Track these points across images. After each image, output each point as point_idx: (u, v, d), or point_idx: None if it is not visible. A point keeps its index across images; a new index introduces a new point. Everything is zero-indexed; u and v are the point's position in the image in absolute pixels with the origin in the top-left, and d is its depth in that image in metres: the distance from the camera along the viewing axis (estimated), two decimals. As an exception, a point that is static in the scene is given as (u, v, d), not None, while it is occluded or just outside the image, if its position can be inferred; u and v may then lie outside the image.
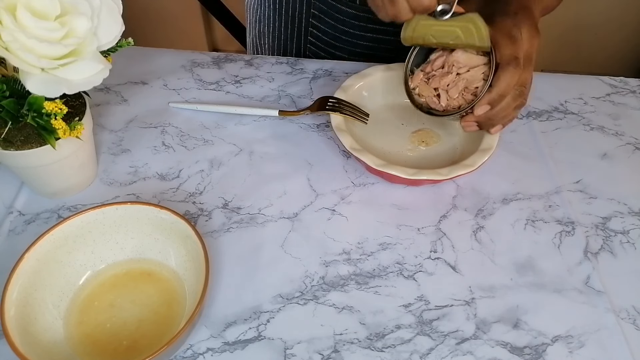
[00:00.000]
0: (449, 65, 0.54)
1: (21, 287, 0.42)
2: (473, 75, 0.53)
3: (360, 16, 0.60)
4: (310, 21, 0.76)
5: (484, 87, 0.52)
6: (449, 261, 0.52)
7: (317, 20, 0.75)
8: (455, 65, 0.54)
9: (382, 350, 0.45)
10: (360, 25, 0.73)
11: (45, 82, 0.42)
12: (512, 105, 0.52)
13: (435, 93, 0.56)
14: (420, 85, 0.56)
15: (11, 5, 0.40)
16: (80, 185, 0.56)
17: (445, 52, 0.55)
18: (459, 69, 0.54)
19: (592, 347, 0.46)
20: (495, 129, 0.54)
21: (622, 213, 0.57)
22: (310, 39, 0.78)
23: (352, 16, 0.72)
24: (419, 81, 0.56)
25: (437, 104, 0.56)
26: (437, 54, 0.56)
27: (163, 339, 0.43)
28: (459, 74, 0.54)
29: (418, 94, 0.57)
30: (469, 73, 0.53)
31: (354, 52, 0.76)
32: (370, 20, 0.72)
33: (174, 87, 0.68)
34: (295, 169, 0.59)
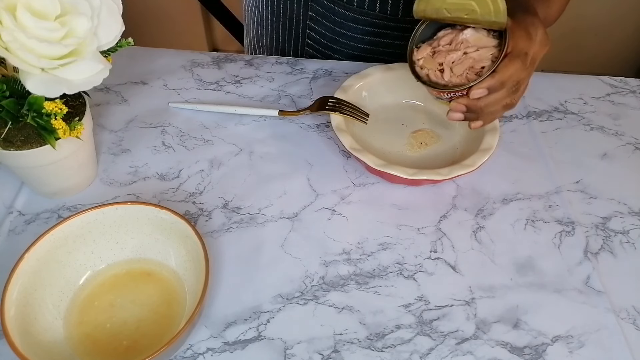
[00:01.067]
0: (457, 43, 0.53)
1: (21, 287, 0.42)
2: (481, 54, 0.52)
3: (359, 19, 0.60)
4: (308, 23, 0.76)
5: (490, 68, 0.50)
6: (449, 261, 0.52)
7: (314, 22, 0.75)
8: (464, 44, 0.53)
9: (382, 350, 0.45)
10: (358, 28, 0.73)
11: (45, 82, 0.42)
12: (504, 100, 0.51)
13: (439, 67, 0.54)
14: (425, 58, 0.55)
15: (11, 5, 0.40)
16: (80, 185, 0.56)
17: (454, 31, 0.54)
18: (467, 47, 0.52)
19: (592, 347, 0.46)
20: (476, 124, 0.53)
21: (622, 213, 0.57)
22: (307, 41, 0.78)
23: (350, 19, 0.72)
24: (424, 54, 0.55)
25: (440, 78, 0.54)
26: (446, 32, 0.54)
27: (163, 339, 0.43)
28: (466, 52, 0.53)
29: (421, 67, 0.55)
30: (477, 52, 0.52)
31: (352, 55, 0.76)
32: (368, 23, 0.72)
33: (174, 87, 0.68)
34: (295, 169, 0.59)
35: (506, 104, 0.52)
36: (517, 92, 0.51)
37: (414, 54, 0.55)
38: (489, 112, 0.52)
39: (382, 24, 0.71)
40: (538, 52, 0.50)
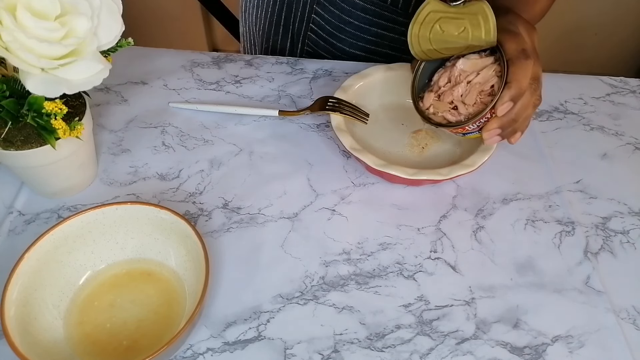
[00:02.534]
0: (455, 77, 0.53)
1: (21, 287, 0.42)
2: (484, 76, 0.51)
3: (368, 8, 0.58)
4: (315, 8, 0.73)
5: (500, 82, 0.50)
6: (449, 261, 0.52)
7: (321, 7, 0.73)
8: (462, 75, 0.52)
9: (382, 350, 0.45)
10: (366, 18, 0.71)
11: (45, 82, 0.42)
12: (530, 101, 0.50)
13: (452, 106, 0.53)
14: (433, 104, 0.54)
15: (11, 5, 0.40)
16: (80, 185, 0.56)
17: (446, 68, 0.54)
18: (467, 77, 0.52)
19: (592, 347, 0.46)
20: (515, 137, 0.53)
21: (622, 213, 0.57)
22: (312, 26, 0.75)
23: (359, 7, 0.70)
24: (431, 101, 0.54)
25: (457, 115, 0.53)
26: (439, 73, 0.54)
27: (163, 339, 0.43)
28: (469, 81, 0.52)
29: (433, 113, 0.55)
30: (480, 76, 0.52)
31: (355, 45, 0.74)
32: (377, 14, 0.70)
33: (174, 87, 0.68)
34: (295, 169, 0.59)
35: (533, 104, 0.51)
36: (538, 89, 0.51)
37: (420, 105, 0.56)
38: (523, 118, 0.51)
39: (391, 18, 0.70)
40: (530, 41, 0.50)
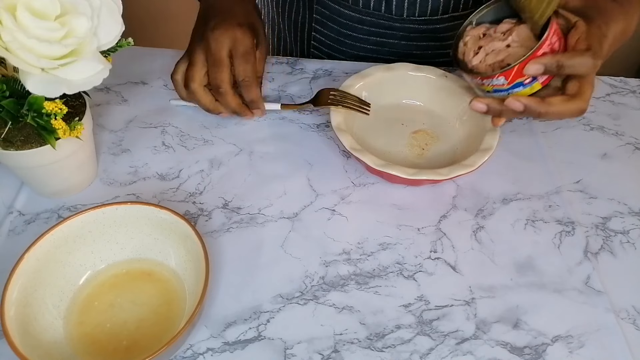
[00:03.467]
0: (509, 33, 0.52)
1: (21, 287, 0.42)
2: (517, 52, 0.51)
3: (364, 19, 0.60)
4: (314, 26, 0.76)
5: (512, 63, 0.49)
6: (449, 261, 0.52)
7: (319, 24, 0.75)
8: (512, 37, 0.51)
9: (382, 350, 0.45)
10: (363, 29, 0.72)
11: (45, 82, 0.42)
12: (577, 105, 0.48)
13: (477, 49, 0.53)
14: (473, 36, 0.54)
15: (11, 5, 0.40)
16: (80, 185, 0.56)
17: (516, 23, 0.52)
18: (513, 42, 0.51)
19: (592, 347, 0.46)
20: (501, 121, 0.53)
21: (622, 213, 0.57)
22: (314, 43, 0.78)
23: (355, 20, 0.72)
24: (475, 33, 0.54)
25: (470, 58, 0.53)
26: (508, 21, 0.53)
27: (163, 339, 0.43)
28: (509, 45, 0.51)
29: (465, 43, 0.54)
30: (515, 50, 0.51)
31: (357, 55, 0.76)
32: (374, 24, 0.72)
33: (174, 87, 0.68)
34: (295, 169, 0.59)
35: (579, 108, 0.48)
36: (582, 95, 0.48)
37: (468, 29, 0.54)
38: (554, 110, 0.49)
39: (388, 25, 0.71)
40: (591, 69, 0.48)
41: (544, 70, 0.47)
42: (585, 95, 0.48)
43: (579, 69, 0.47)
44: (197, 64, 0.57)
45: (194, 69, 0.57)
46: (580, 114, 0.48)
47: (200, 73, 0.58)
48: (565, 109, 0.48)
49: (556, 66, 0.47)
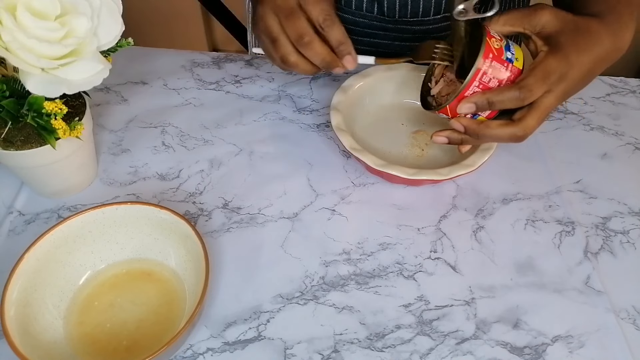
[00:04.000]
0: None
1: (21, 287, 0.42)
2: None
3: (357, 21, 0.60)
4: None
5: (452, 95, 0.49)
6: (449, 261, 0.52)
7: None
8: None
9: (382, 350, 0.45)
10: (357, 30, 0.73)
11: (45, 82, 0.42)
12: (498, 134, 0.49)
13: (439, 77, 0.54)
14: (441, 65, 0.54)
15: (11, 5, 0.40)
16: (80, 185, 0.56)
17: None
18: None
19: (592, 347, 0.46)
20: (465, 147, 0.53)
21: (622, 213, 0.57)
22: None
23: (349, 21, 0.72)
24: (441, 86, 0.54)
25: (433, 86, 0.54)
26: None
27: (163, 339, 0.43)
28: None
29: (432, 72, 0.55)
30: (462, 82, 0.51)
31: None
32: (367, 25, 0.72)
33: (174, 87, 0.68)
34: (295, 169, 0.59)
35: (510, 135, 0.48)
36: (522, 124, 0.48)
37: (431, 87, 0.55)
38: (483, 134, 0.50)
39: (380, 26, 0.71)
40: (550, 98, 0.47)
41: (475, 108, 0.48)
42: (525, 123, 0.47)
43: (508, 103, 0.47)
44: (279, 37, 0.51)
45: (278, 43, 0.51)
46: (516, 140, 0.48)
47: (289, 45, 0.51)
48: (501, 133, 0.48)
49: (487, 103, 0.48)
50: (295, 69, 0.53)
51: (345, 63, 0.52)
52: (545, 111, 0.47)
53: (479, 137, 0.50)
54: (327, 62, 0.51)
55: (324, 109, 0.67)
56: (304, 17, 0.50)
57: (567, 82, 0.47)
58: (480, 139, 0.50)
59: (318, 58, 0.51)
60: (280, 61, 0.52)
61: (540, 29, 0.48)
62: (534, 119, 0.48)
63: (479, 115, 0.50)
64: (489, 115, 0.50)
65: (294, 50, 0.51)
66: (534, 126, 0.48)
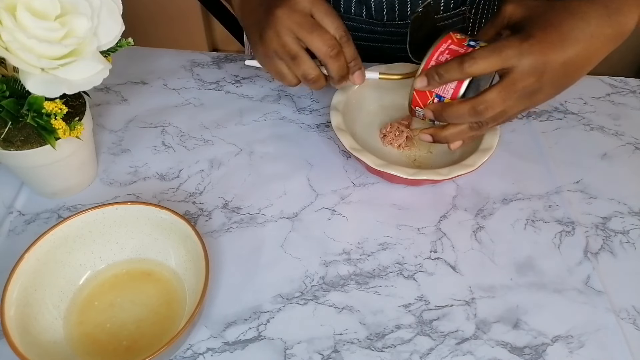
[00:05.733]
0: None
1: (21, 287, 0.42)
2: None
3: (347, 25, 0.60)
4: None
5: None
6: (449, 261, 0.52)
7: None
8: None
9: (382, 350, 0.45)
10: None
11: (45, 82, 0.42)
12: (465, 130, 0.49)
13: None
14: None
15: (11, 5, 0.40)
16: (80, 185, 0.56)
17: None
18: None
19: (592, 347, 0.46)
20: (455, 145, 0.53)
21: (622, 213, 0.57)
22: None
23: None
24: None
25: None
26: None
27: (163, 339, 0.43)
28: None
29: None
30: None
31: None
32: (356, 28, 0.72)
33: (174, 87, 0.68)
34: (295, 169, 0.59)
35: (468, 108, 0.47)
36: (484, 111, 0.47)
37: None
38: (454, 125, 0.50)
39: (369, 29, 0.72)
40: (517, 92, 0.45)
41: (426, 82, 0.48)
42: (484, 97, 0.46)
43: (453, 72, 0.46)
44: (300, 53, 0.51)
45: (300, 60, 0.51)
46: (477, 115, 0.46)
47: (310, 61, 0.51)
48: (462, 109, 0.47)
49: (435, 74, 0.47)
50: (314, 85, 0.53)
51: (354, 78, 0.54)
52: (509, 86, 0.44)
53: (444, 118, 0.49)
54: (342, 76, 0.53)
55: (324, 109, 0.67)
56: (328, 32, 0.50)
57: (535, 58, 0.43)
58: (447, 119, 0.49)
59: (342, 70, 0.52)
60: (302, 77, 0.52)
61: (507, 22, 0.48)
62: (495, 92, 0.45)
63: (445, 98, 0.50)
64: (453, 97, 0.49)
65: (315, 65, 0.52)
66: (493, 99, 0.45)
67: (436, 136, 0.52)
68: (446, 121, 0.50)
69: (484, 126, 0.49)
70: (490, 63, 0.44)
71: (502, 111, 0.47)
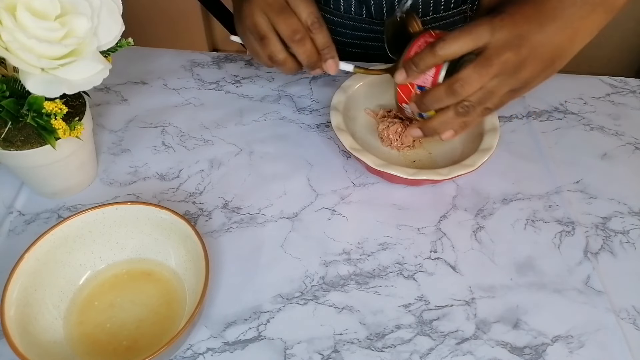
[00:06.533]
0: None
1: (21, 287, 0.42)
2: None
3: (346, 24, 0.60)
4: None
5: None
6: (449, 261, 0.52)
7: None
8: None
9: (382, 350, 0.45)
10: (347, 33, 0.74)
11: (45, 82, 0.42)
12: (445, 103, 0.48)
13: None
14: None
15: (11, 5, 0.40)
16: (80, 185, 0.56)
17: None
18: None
19: (592, 347, 0.46)
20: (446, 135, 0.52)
21: (622, 213, 0.57)
22: None
23: (337, 24, 0.73)
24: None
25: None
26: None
27: (163, 339, 0.43)
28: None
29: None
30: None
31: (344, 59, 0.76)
32: (356, 28, 0.73)
33: (174, 87, 0.68)
34: (295, 169, 0.59)
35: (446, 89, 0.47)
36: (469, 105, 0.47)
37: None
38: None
39: (369, 28, 0.72)
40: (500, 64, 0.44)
41: (405, 74, 0.48)
42: (459, 75, 0.45)
43: (426, 58, 0.46)
44: (268, 34, 0.51)
45: (267, 41, 0.52)
46: (454, 95, 0.46)
47: (278, 43, 0.52)
48: (439, 91, 0.47)
49: (412, 63, 0.47)
50: (281, 67, 0.53)
51: (326, 66, 0.54)
52: (486, 62, 0.44)
53: (426, 106, 0.49)
54: (312, 62, 0.53)
55: (324, 109, 0.67)
56: (295, 16, 0.51)
57: (508, 31, 0.43)
58: (428, 106, 0.49)
59: (306, 56, 0.52)
60: (268, 58, 0.53)
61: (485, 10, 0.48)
62: (470, 68, 0.44)
63: (426, 88, 0.50)
64: (433, 85, 0.49)
65: (282, 48, 0.52)
66: (470, 75, 0.44)
67: (424, 128, 0.51)
68: (428, 109, 0.49)
69: (471, 110, 0.47)
70: (462, 43, 0.44)
71: (487, 91, 0.45)
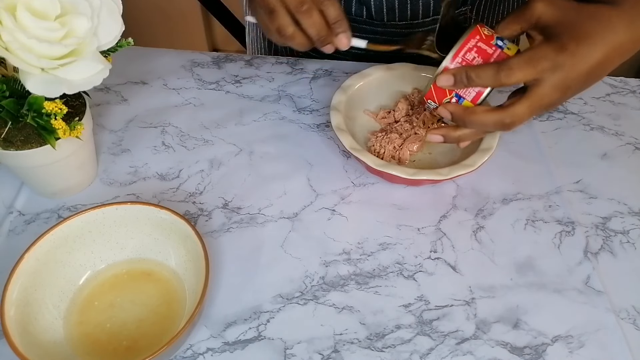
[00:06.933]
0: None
1: (21, 287, 0.42)
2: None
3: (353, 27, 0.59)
4: None
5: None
6: (449, 261, 0.52)
7: None
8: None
9: (382, 350, 0.45)
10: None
11: (45, 82, 0.42)
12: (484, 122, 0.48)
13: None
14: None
15: (11, 5, 0.40)
16: (80, 185, 0.56)
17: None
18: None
19: (592, 347, 0.46)
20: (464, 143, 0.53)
21: (622, 213, 0.57)
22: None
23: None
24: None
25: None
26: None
27: (163, 339, 0.43)
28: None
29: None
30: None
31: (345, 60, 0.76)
32: (357, 29, 0.72)
33: (174, 87, 0.68)
34: (295, 169, 0.59)
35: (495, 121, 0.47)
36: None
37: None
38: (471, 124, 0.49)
39: (370, 30, 0.72)
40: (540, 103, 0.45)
41: (453, 80, 0.47)
42: (513, 110, 0.45)
43: (485, 79, 0.45)
44: (277, 8, 0.50)
45: (276, 14, 0.50)
46: (503, 127, 0.47)
47: (286, 17, 0.50)
48: (487, 119, 0.47)
49: (465, 76, 0.47)
50: (291, 42, 0.52)
51: (338, 41, 0.52)
52: (538, 101, 0.44)
53: (465, 123, 0.49)
54: (322, 36, 0.51)
55: (324, 109, 0.67)
56: None
57: (566, 73, 0.43)
58: (467, 125, 0.49)
59: (315, 29, 0.50)
60: (277, 32, 0.51)
61: (536, 22, 0.45)
62: (524, 106, 0.45)
63: (465, 100, 0.49)
64: (474, 101, 0.49)
65: (291, 21, 0.50)
66: (522, 114, 0.45)
67: (448, 137, 0.52)
68: (465, 126, 0.49)
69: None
70: (525, 74, 0.44)
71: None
